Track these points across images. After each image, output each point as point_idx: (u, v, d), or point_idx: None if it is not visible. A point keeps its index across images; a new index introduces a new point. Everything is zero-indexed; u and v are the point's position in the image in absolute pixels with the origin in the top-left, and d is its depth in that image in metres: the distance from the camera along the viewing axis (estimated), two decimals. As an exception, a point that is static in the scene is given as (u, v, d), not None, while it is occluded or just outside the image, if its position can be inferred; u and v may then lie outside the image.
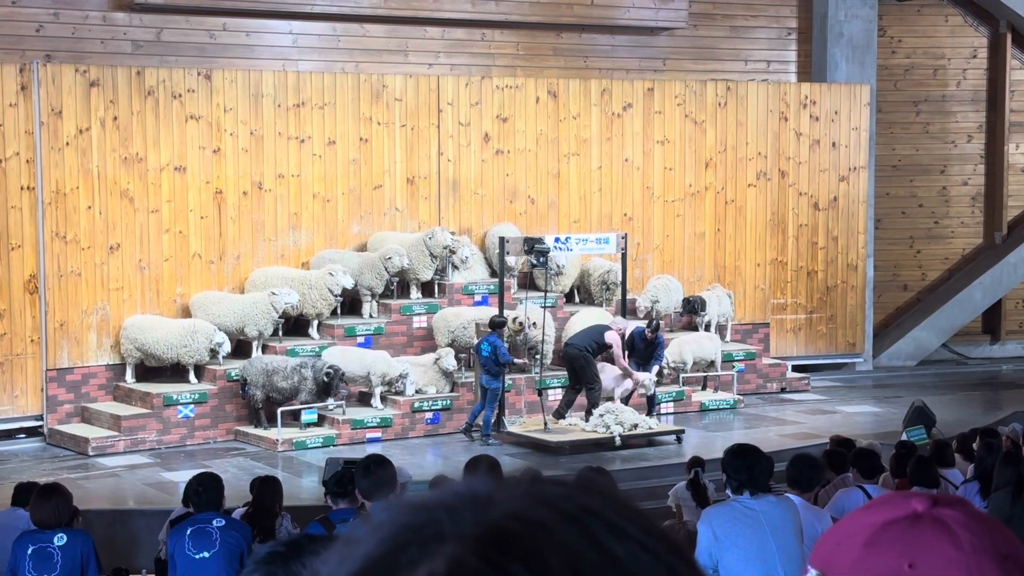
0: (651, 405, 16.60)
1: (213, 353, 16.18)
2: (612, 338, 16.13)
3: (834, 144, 20.97)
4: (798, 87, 20.98)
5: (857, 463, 9.79)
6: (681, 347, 17.68)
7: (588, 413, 15.94)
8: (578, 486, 0.95)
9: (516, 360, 15.90)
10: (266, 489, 9.19)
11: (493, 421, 15.73)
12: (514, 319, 16.53)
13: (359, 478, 7.29)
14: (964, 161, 23.07)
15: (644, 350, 16.60)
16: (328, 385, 15.60)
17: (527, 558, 0.87)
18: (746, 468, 6.54)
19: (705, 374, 18.09)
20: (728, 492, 6.72)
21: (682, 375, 17.69)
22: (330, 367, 15.63)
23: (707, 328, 18.82)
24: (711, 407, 17.74)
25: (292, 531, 8.90)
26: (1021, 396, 19.66)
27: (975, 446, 10.86)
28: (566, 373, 16.45)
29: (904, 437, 13.20)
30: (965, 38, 22.90)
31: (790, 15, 21.65)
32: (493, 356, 15.51)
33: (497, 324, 15.84)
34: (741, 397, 18.11)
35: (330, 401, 15.78)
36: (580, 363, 16.07)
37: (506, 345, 15.80)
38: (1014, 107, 23.05)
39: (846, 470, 9.80)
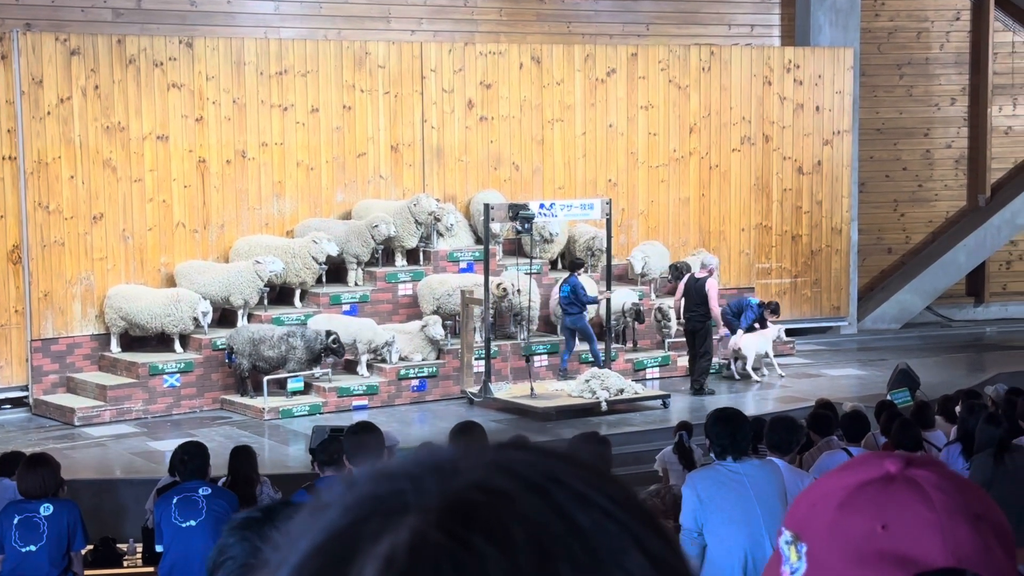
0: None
1: (197, 322, 16.16)
2: (711, 287, 16.61)
3: (818, 108, 20.95)
4: (782, 51, 20.94)
5: (845, 426, 9.86)
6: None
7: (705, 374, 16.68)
8: (545, 452, 0.93)
9: (600, 296, 16.78)
10: (240, 459, 9.25)
11: (599, 351, 16.59)
12: (498, 285, 16.54)
13: (347, 443, 7.32)
14: (947, 124, 23.08)
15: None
16: (332, 351, 15.63)
17: (490, 530, 0.86)
18: (728, 433, 6.57)
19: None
20: (712, 456, 6.76)
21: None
22: (329, 333, 15.63)
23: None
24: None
25: (274, 496, 8.98)
26: (1004, 358, 19.76)
27: (958, 408, 10.93)
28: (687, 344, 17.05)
29: (888, 399, 13.26)
30: (948, 0, 22.86)
31: (773, -21, 21.57)
32: (573, 295, 16.43)
33: (576, 265, 16.85)
34: (727, 361, 18.12)
35: (316, 369, 15.80)
36: (702, 335, 16.62)
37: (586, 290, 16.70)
38: (997, 69, 23.04)
39: (830, 433, 9.86)
